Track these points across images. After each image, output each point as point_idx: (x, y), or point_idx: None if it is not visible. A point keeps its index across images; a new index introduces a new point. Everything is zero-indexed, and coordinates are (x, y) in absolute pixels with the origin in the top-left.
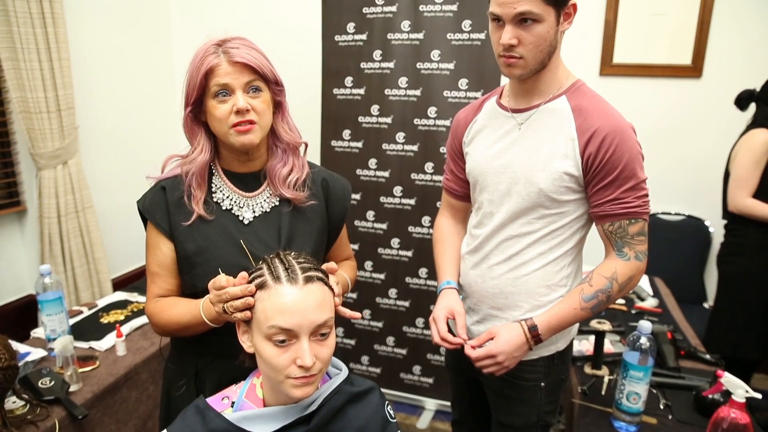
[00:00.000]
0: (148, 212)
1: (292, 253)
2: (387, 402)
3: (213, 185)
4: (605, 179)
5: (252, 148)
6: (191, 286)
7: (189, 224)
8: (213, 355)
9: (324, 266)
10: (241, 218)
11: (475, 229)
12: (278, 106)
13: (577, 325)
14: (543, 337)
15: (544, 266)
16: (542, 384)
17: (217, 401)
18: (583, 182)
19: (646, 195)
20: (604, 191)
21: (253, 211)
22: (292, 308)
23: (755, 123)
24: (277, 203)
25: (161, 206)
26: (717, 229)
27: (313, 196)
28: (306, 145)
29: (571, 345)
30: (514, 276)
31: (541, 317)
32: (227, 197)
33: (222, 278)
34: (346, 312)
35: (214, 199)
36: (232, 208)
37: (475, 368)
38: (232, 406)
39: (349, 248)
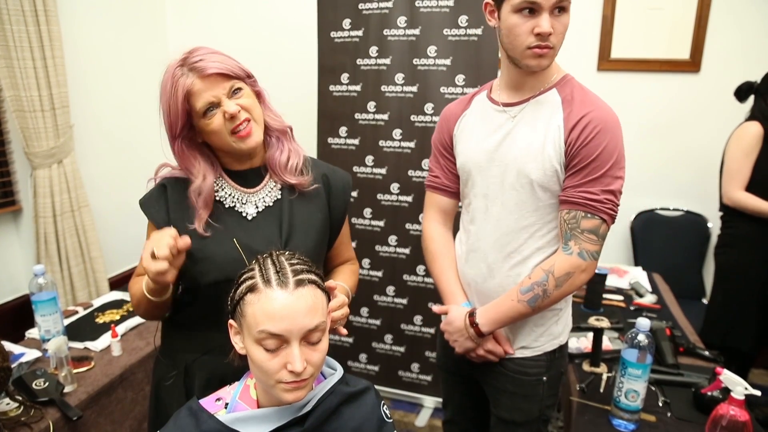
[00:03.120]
0: (146, 209)
1: (286, 253)
2: (383, 402)
3: (215, 184)
4: (577, 165)
5: (256, 147)
6: (192, 281)
7: (191, 224)
8: (202, 350)
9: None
10: (244, 214)
11: (469, 225)
12: (258, 96)
13: (571, 318)
14: (483, 328)
15: (544, 261)
16: (544, 378)
17: (210, 402)
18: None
19: (614, 194)
20: (573, 177)
21: (256, 207)
22: (282, 313)
23: (752, 116)
24: (279, 196)
25: (161, 203)
26: (716, 224)
27: (316, 182)
28: (291, 129)
29: (567, 339)
30: (516, 273)
31: (482, 308)
32: (229, 195)
33: (169, 230)
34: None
35: (217, 198)
36: (234, 206)
37: (474, 367)
38: (225, 408)
39: (351, 249)
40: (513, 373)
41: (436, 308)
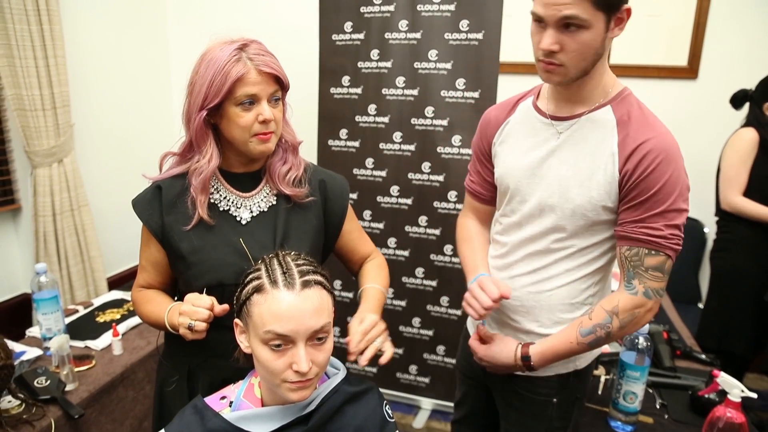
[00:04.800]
0: (140, 212)
1: (292, 254)
2: (385, 402)
3: (210, 186)
4: (637, 198)
5: (267, 155)
6: (188, 284)
7: (186, 225)
8: (206, 354)
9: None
10: (238, 219)
11: (500, 236)
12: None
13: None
14: (536, 366)
15: (570, 283)
16: (554, 400)
17: (215, 401)
18: (617, 200)
19: (679, 229)
20: (632, 211)
21: (251, 211)
22: (289, 314)
23: (747, 123)
24: (274, 202)
25: (155, 206)
26: (712, 229)
27: (311, 194)
28: (300, 144)
29: (592, 364)
30: (537, 290)
31: (536, 348)
32: (224, 198)
33: (206, 298)
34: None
35: (211, 200)
36: (229, 209)
37: (487, 375)
38: (230, 406)
39: (368, 243)
40: (522, 390)
41: (474, 342)
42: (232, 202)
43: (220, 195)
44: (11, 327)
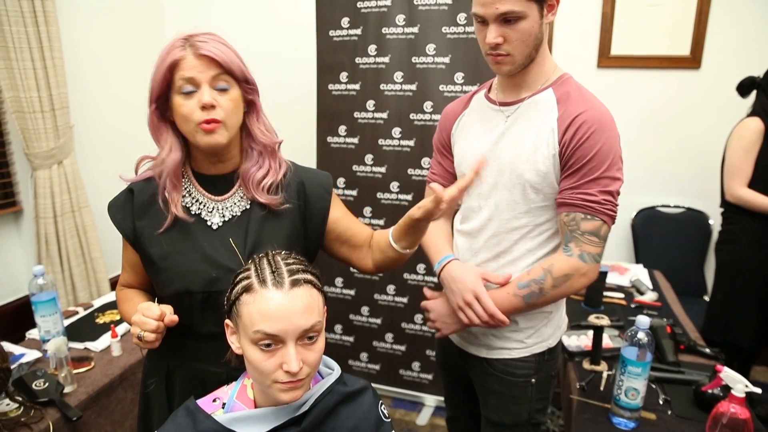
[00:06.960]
0: (113, 216)
1: (282, 253)
2: (381, 401)
3: (182, 188)
4: (573, 166)
5: (219, 149)
6: (159, 290)
7: (157, 229)
8: (183, 357)
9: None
10: (209, 223)
11: (461, 225)
12: (251, 106)
13: (566, 321)
14: None
15: (534, 263)
16: (533, 380)
17: (207, 402)
18: (560, 171)
19: (613, 196)
20: (569, 179)
21: (223, 216)
22: (278, 313)
23: (753, 112)
24: (248, 206)
25: (128, 210)
26: (717, 220)
27: (289, 200)
28: (280, 144)
29: (560, 341)
30: (505, 274)
31: None
32: (196, 201)
33: (156, 309)
34: None
35: (183, 203)
36: (200, 213)
37: (466, 365)
38: (222, 408)
39: (366, 227)
40: (501, 373)
41: (428, 293)
42: (204, 206)
43: (192, 197)
44: (14, 329)
